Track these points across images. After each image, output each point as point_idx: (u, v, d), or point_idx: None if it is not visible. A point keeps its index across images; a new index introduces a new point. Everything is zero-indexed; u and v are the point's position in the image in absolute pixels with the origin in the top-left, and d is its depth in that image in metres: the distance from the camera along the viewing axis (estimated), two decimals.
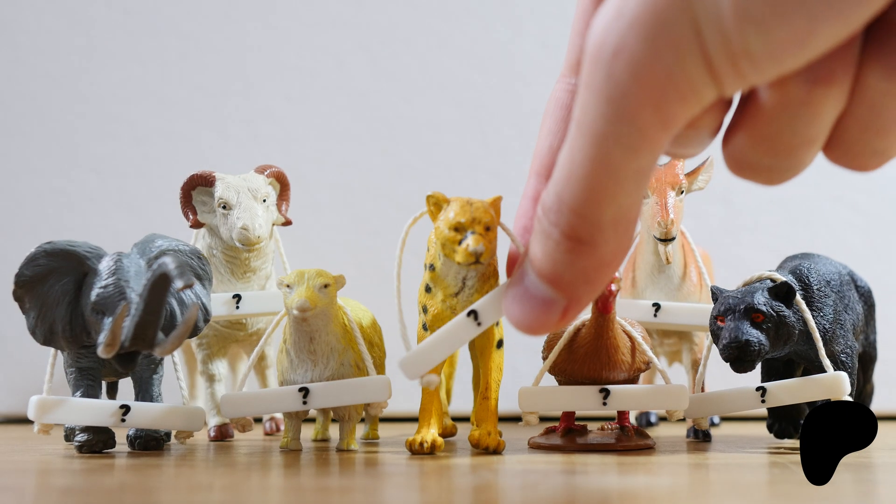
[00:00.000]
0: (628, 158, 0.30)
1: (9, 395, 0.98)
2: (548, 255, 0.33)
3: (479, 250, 0.59)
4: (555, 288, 0.34)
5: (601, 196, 0.31)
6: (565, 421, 0.68)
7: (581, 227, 0.32)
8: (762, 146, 0.31)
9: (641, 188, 0.31)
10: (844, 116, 0.30)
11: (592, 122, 0.30)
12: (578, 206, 0.31)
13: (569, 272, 0.33)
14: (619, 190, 0.31)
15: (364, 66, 1.02)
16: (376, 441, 0.75)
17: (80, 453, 0.65)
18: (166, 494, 0.48)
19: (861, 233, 1.00)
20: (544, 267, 0.33)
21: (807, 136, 0.30)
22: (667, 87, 0.28)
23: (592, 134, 0.30)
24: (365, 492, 0.49)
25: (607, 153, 0.30)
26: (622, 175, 0.30)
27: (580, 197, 0.31)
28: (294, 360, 0.66)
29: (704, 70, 0.28)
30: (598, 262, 0.32)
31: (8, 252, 0.98)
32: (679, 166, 0.73)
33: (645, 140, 0.29)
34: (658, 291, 0.75)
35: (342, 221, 1.01)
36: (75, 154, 1.01)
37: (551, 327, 0.35)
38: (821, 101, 0.29)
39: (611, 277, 0.34)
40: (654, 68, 0.28)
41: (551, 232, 0.32)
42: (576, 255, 0.32)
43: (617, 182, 0.30)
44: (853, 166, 0.31)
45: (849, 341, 0.68)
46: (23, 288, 0.65)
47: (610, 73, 0.29)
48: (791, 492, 0.48)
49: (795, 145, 0.30)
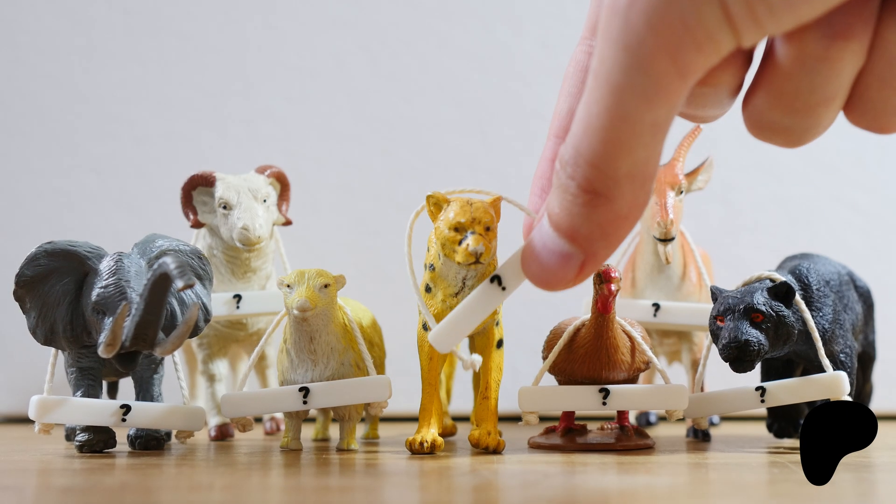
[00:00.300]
0: (644, 109, 0.30)
1: (9, 395, 0.98)
2: (565, 208, 0.33)
3: (479, 250, 0.59)
4: (572, 242, 0.34)
5: (617, 148, 0.31)
6: (565, 421, 0.68)
7: (598, 180, 0.32)
8: (781, 105, 0.30)
9: (659, 142, 0.31)
10: (864, 73, 0.30)
11: (609, 72, 0.29)
12: (595, 159, 0.31)
13: (585, 226, 0.33)
14: (635, 142, 0.30)
15: (364, 66, 1.02)
16: (376, 441, 0.75)
17: (81, 453, 0.65)
18: (167, 494, 0.48)
19: (860, 233, 1.00)
20: (561, 220, 0.33)
21: (825, 94, 0.30)
22: (683, 34, 0.28)
23: (609, 84, 0.30)
24: (365, 491, 0.49)
25: (623, 104, 0.30)
26: (638, 126, 0.30)
27: (597, 149, 0.31)
28: (294, 360, 0.66)
29: (721, 16, 0.28)
30: (615, 216, 0.32)
31: (9, 252, 0.98)
32: (678, 166, 0.74)
33: (661, 90, 0.29)
34: (657, 291, 0.76)
35: (342, 221, 1.01)
36: (75, 154, 1.01)
37: (569, 283, 0.35)
38: (839, 57, 0.29)
39: (628, 232, 0.34)
40: (670, 15, 0.28)
41: (568, 185, 0.32)
42: (592, 208, 0.32)
43: (633, 134, 0.30)
44: (875, 127, 0.31)
45: (848, 341, 0.68)
46: (24, 288, 0.65)
47: (626, 21, 0.29)
48: (790, 491, 0.48)
49: (814, 104, 0.30)
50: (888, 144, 1.01)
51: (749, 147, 1.01)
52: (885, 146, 1.01)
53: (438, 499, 0.47)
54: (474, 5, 1.03)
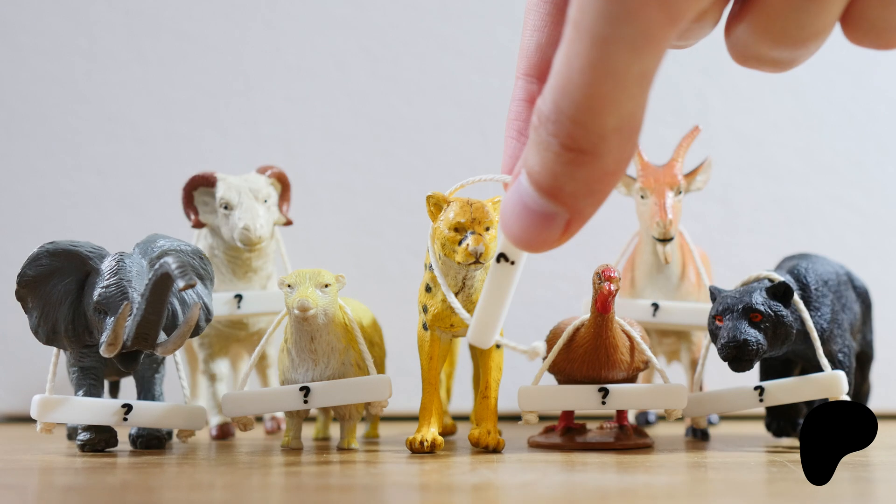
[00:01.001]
0: (632, 60, 0.28)
1: (11, 395, 0.99)
2: (546, 167, 0.31)
3: (479, 250, 0.59)
4: (555, 201, 0.31)
5: (603, 103, 0.29)
6: (564, 420, 0.68)
7: (582, 138, 0.30)
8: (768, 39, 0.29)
9: (646, 92, 0.29)
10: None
11: (592, 22, 0.28)
12: (579, 116, 0.29)
13: (570, 184, 0.31)
14: (622, 95, 0.29)
15: (364, 66, 1.02)
16: (377, 440, 0.75)
17: (83, 452, 0.65)
18: (168, 493, 0.49)
19: (859, 233, 1.01)
20: (543, 180, 0.31)
21: (814, 30, 0.29)
22: None
23: (592, 36, 0.28)
24: (365, 491, 0.49)
25: (609, 56, 0.28)
26: (625, 79, 0.28)
27: (581, 105, 0.29)
28: (295, 360, 0.66)
29: None
30: (602, 172, 0.30)
31: (11, 252, 0.98)
32: (677, 167, 0.74)
33: (650, 39, 0.28)
34: (657, 291, 0.76)
35: (343, 221, 1.01)
36: (77, 155, 1.01)
37: (553, 243, 0.33)
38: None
39: (614, 187, 0.32)
40: None
41: (550, 143, 0.30)
42: (577, 166, 0.30)
43: (620, 87, 0.28)
44: (877, 44, 0.30)
45: (846, 341, 0.68)
46: (26, 288, 0.65)
47: None
48: (789, 490, 0.48)
49: (804, 38, 0.29)
50: (887, 144, 1.01)
51: (748, 147, 1.01)
52: (885, 146, 1.01)
53: (438, 498, 0.47)
54: (474, 6, 1.03)
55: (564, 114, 0.29)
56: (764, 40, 0.29)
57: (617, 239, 0.85)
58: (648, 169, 0.74)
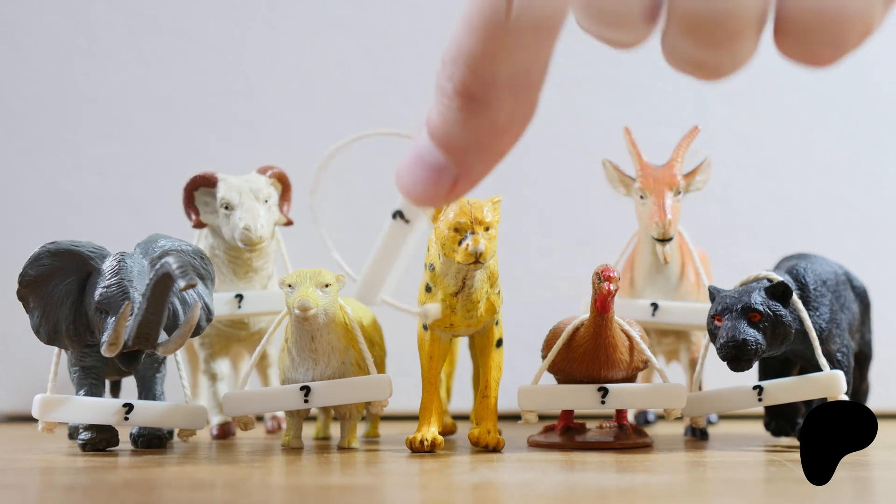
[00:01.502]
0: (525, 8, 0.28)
1: (13, 394, 0.99)
2: (441, 113, 0.31)
3: (479, 250, 0.60)
4: (446, 152, 0.31)
5: (495, 48, 0.28)
6: (564, 419, 0.68)
7: (474, 83, 0.29)
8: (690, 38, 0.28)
9: (543, 47, 0.29)
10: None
11: None
12: (472, 60, 0.29)
13: (460, 134, 0.30)
14: (514, 42, 0.28)
15: (364, 66, 1.02)
16: (377, 439, 0.75)
17: (84, 451, 0.66)
18: (169, 492, 0.49)
19: (857, 233, 1.01)
20: (437, 127, 0.31)
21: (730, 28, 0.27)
22: None
23: None
24: (365, 490, 0.49)
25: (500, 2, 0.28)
26: (517, 25, 0.28)
27: (474, 48, 0.29)
28: (295, 359, 0.67)
29: None
30: (492, 127, 0.30)
31: (12, 252, 0.98)
32: (676, 167, 0.74)
33: None
34: (656, 291, 0.76)
35: (343, 221, 1.01)
36: (78, 155, 1.01)
37: (440, 200, 0.32)
38: None
39: (507, 149, 0.31)
40: None
41: (446, 87, 0.30)
42: (468, 113, 0.30)
43: (511, 33, 0.28)
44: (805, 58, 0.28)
45: (845, 340, 0.69)
46: (27, 287, 0.65)
47: None
48: (788, 489, 0.48)
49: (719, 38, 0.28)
50: (887, 144, 1.02)
51: (747, 147, 1.01)
52: (884, 146, 1.02)
53: (438, 497, 0.47)
54: None
55: (461, 55, 0.29)
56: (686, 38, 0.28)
57: (616, 239, 0.85)
58: (647, 169, 0.74)
